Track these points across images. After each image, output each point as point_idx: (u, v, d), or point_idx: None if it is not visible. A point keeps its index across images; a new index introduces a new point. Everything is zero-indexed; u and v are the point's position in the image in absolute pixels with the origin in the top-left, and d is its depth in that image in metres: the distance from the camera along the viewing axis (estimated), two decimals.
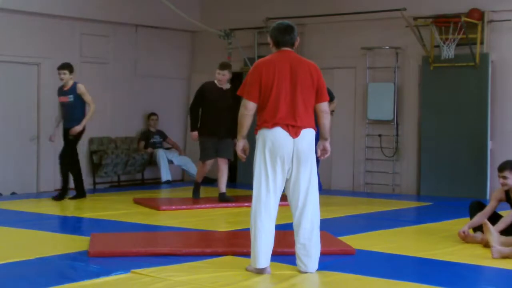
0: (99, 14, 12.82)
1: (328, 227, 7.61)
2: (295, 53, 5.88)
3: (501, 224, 6.96)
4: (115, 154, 12.91)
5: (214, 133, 9.95)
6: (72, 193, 10.68)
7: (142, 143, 13.58)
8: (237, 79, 13.65)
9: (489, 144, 11.46)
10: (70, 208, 10.01)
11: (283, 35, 5.83)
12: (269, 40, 5.93)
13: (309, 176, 5.75)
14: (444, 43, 11.46)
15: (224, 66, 10.00)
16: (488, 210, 7.24)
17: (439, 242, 7.36)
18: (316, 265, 5.79)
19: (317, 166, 10.12)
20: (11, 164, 11.82)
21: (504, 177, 7.08)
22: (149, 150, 13.52)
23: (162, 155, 13.45)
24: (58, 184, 12.30)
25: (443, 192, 11.60)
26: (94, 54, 12.95)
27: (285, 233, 6.56)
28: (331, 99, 9.48)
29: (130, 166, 13.25)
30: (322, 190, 8.91)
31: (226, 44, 13.17)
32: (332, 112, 9.49)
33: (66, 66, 10.51)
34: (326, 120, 5.89)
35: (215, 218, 8.91)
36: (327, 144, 5.99)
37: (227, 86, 10.06)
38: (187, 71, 14.66)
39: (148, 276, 5.62)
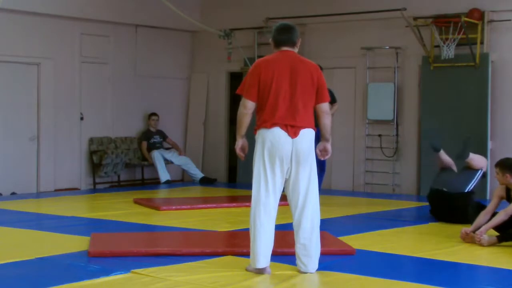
0: (99, 14, 12.81)
1: (328, 227, 7.61)
2: (295, 53, 5.86)
3: (489, 225, 7.16)
4: (115, 154, 12.91)
5: None
6: None
7: (145, 144, 13.54)
8: (237, 79, 13.72)
9: (489, 144, 11.45)
10: (70, 208, 10.01)
11: (281, 35, 5.82)
12: (270, 41, 5.94)
13: (309, 176, 5.73)
14: (444, 43, 11.46)
15: None
16: (490, 208, 7.34)
17: (439, 242, 7.35)
18: (316, 265, 5.78)
19: (323, 169, 10.16)
20: (11, 164, 11.81)
21: (497, 173, 7.32)
22: (150, 160, 13.51)
23: (157, 157, 13.39)
24: (58, 184, 12.32)
25: None
26: (94, 54, 12.94)
27: (285, 233, 6.55)
28: (333, 101, 9.35)
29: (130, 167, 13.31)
30: (321, 190, 8.87)
31: (226, 44, 13.18)
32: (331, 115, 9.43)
33: None
34: (327, 121, 5.86)
35: (215, 218, 8.90)
36: (328, 145, 5.96)
37: None
38: (187, 71, 14.65)
39: (148, 276, 5.61)
